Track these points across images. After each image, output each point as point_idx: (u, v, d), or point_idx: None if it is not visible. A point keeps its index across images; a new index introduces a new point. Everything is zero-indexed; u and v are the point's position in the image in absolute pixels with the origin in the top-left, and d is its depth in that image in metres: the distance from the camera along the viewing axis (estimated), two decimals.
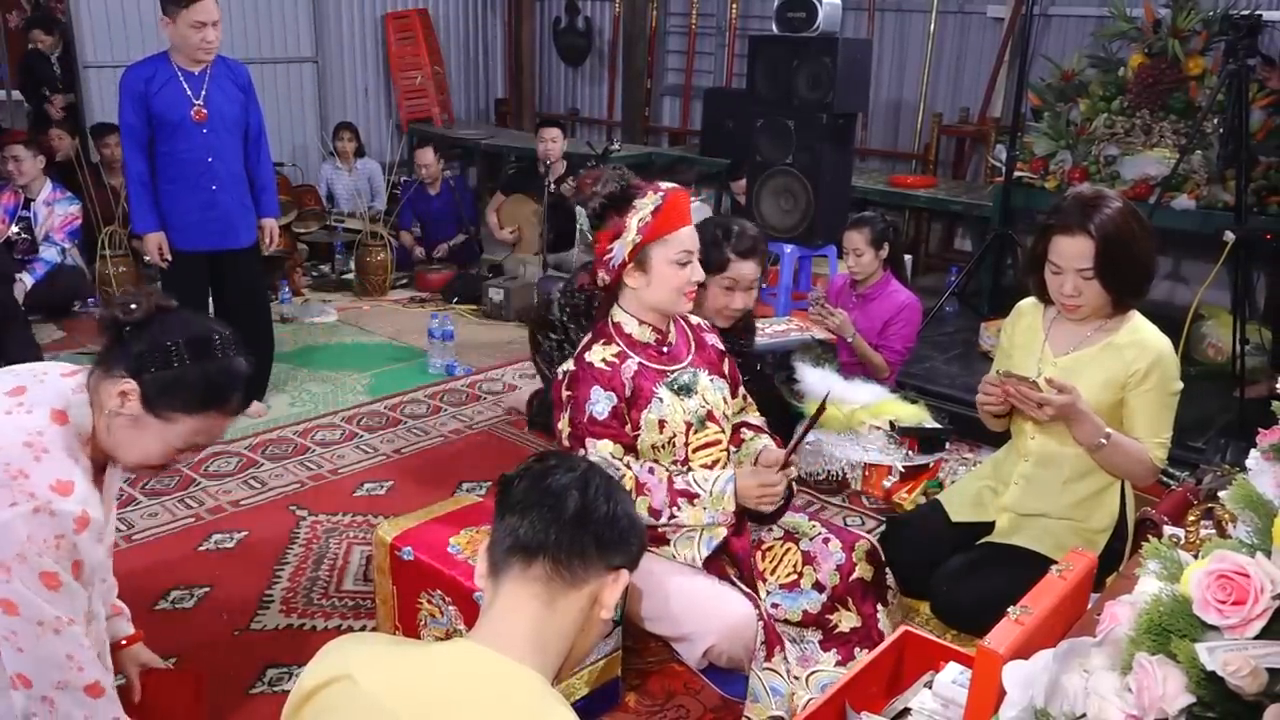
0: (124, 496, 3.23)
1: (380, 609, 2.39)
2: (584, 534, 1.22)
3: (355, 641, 1.26)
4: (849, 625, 2.23)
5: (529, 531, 1.21)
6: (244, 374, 1.76)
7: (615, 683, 2.24)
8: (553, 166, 5.68)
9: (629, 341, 2.22)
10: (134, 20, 6.52)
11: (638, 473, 2.16)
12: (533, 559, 1.20)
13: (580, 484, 1.26)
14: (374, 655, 1.18)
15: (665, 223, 2.12)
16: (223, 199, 3.69)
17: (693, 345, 2.33)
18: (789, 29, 4.29)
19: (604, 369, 2.17)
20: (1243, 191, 3.85)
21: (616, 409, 2.16)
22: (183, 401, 1.68)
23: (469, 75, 8.71)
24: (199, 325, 1.75)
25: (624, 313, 2.24)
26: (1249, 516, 1.23)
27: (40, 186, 5.19)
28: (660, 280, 2.16)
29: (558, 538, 1.21)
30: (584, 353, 2.21)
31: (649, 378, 2.20)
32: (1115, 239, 2.20)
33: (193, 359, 1.68)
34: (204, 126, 3.60)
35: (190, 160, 3.60)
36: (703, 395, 2.26)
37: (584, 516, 1.23)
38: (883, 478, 3.29)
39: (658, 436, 2.19)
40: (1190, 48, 4.56)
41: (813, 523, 2.38)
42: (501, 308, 5.33)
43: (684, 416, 2.22)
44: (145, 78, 3.52)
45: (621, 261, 2.14)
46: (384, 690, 1.12)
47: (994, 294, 5.10)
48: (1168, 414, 2.33)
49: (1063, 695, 1.28)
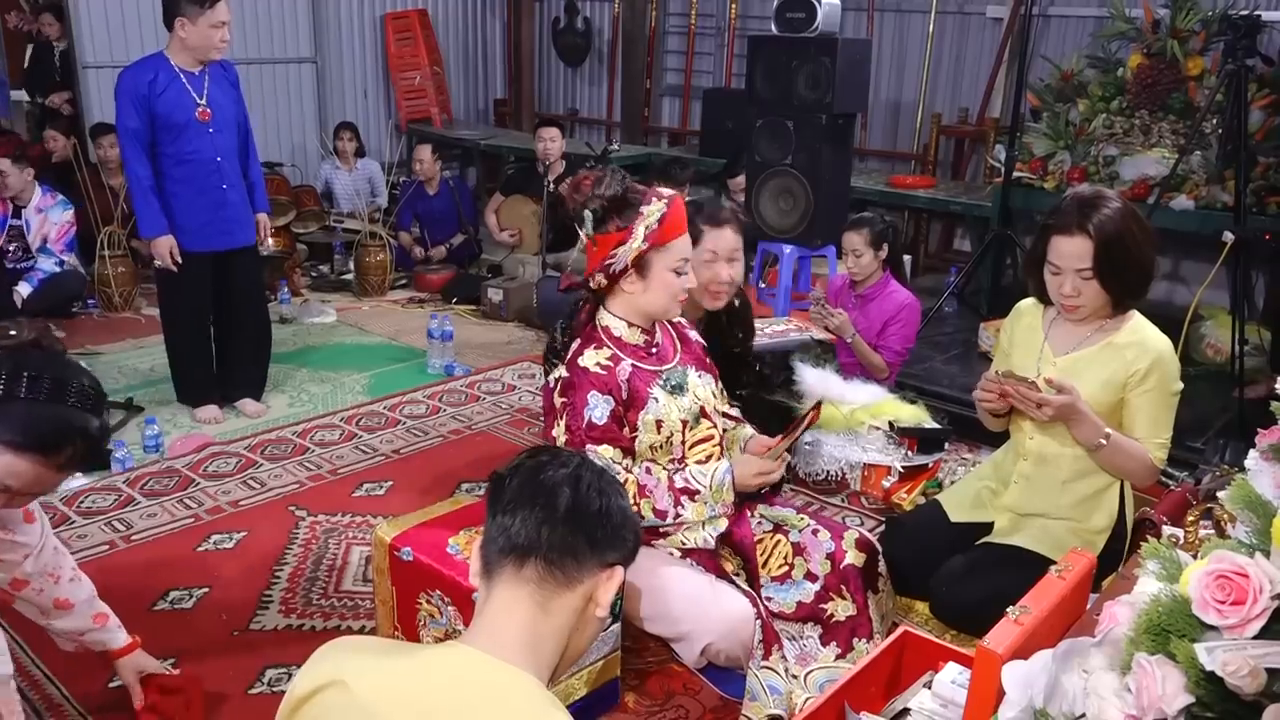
0: (123, 496, 3.24)
1: (379, 609, 2.39)
2: (576, 533, 1.21)
3: (347, 646, 1.24)
4: (845, 613, 2.23)
5: (521, 531, 1.20)
6: (88, 434, 1.65)
7: (614, 683, 2.24)
8: (552, 166, 5.68)
9: (619, 344, 2.21)
10: (134, 20, 6.52)
11: (638, 476, 2.16)
12: (525, 560, 1.19)
13: (572, 481, 1.24)
14: (366, 661, 1.17)
15: (669, 230, 2.13)
16: (232, 198, 3.72)
17: (677, 343, 2.34)
18: (788, 29, 4.29)
19: (600, 373, 2.16)
20: (1242, 192, 3.85)
21: (615, 413, 2.15)
22: (5, 431, 1.58)
23: (468, 75, 8.71)
24: (69, 371, 1.67)
25: (611, 316, 2.24)
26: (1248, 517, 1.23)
27: (30, 194, 5.09)
28: (658, 286, 2.17)
29: (549, 538, 1.19)
30: (576, 358, 2.20)
31: (643, 379, 2.20)
32: (1114, 239, 2.20)
33: (35, 395, 1.59)
34: (209, 126, 3.60)
35: (200, 161, 3.61)
36: (694, 392, 2.27)
37: (576, 514, 1.21)
38: (882, 478, 3.29)
39: (655, 437, 2.19)
40: (1189, 48, 4.56)
41: (801, 515, 2.37)
42: (501, 308, 5.33)
43: (679, 415, 2.22)
44: (147, 80, 3.50)
45: (625, 266, 2.14)
46: (377, 697, 1.11)
47: (993, 294, 5.10)
48: (1168, 414, 2.33)
49: (1062, 695, 1.28)
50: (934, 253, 6.61)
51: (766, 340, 3.52)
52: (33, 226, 5.10)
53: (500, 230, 6.09)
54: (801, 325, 3.71)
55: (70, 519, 3.09)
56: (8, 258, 4.97)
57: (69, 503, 3.18)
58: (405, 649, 1.23)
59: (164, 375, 4.37)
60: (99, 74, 6.44)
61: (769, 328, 3.65)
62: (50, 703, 2.25)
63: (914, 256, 6.13)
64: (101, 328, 5.04)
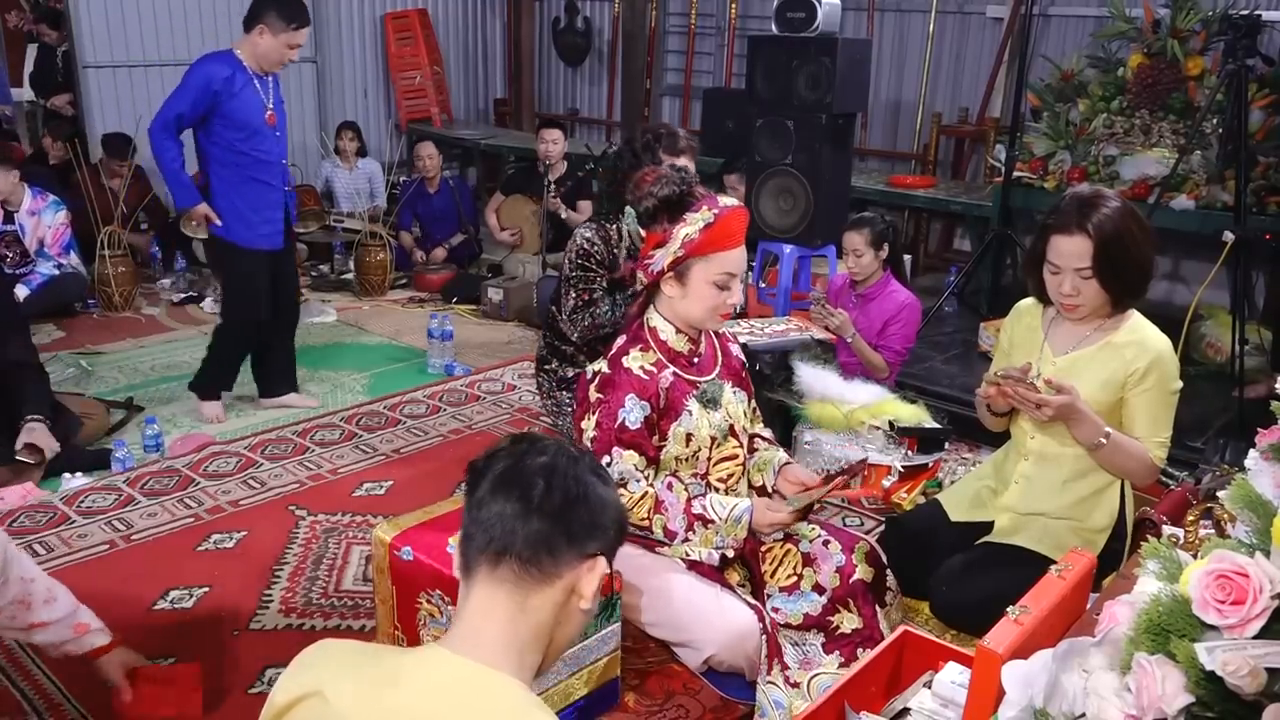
0: (124, 496, 3.24)
1: (379, 609, 2.39)
2: (554, 527, 1.17)
3: (326, 653, 1.21)
4: (850, 626, 2.23)
5: (496, 526, 1.17)
6: None
7: (614, 683, 2.24)
8: (553, 167, 5.68)
9: (665, 350, 2.18)
10: (134, 20, 6.52)
11: (658, 490, 2.14)
12: (500, 558, 1.16)
13: (547, 471, 1.19)
14: (345, 668, 1.15)
15: (712, 241, 2.07)
16: (289, 198, 3.85)
17: (719, 356, 2.31)
18: (788, 29, 4.29)
19: (642, 377, 2.13)
20: (1242, 192, 3.85)
21: (649, 419, 2.12)
22: None
23: (468, 75, 8.71)
24: None
25: (660, 318, 2.20)
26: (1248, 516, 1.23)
27: (19, 196, 5.02)
28: (696, 297, 2.12)
29: (524, 533, 1.16)
30: (621, 356, 2.16)
31: (681, 389, 2.17)
32: (1113, 238, 2.20)
33: None
34: (276, 130, 3.70)
35: (271, 162, 3.70)
36: (726, 408, 2.24)
37: (552, 507, 1.17)
38: (882, 478, 3.28)
39: (683, 449, 2.17)
40: (1189, 48, 4.57)
41: (811, 525, 2.36)
42: (501, 308, 5.34)
43: (709, 430, 2.20)
44: (224, 76, 3.54)
45: (660, 269, 2.12)
46: (355, 709, 1.09)
47: (993, 294, 5.10)
48: (1167, 413, 2.33)
49: (1062, 695, 1.28)
50: (934, 252, 6.61)
51: (766, 340, 3.52)
52: (28, 230, 5.06)
53: (501, 230, 6.10)
54: (801, 325, 3.71)
55: (70, 519, 3.09)
56: (5, 263, 4.91)
57: (69, 502, 3.18)
58: (386, 654, 1.20)
59: (164, 375, 4.39)
60: (99, 74, 6.44)
61: (769, 328, 3.65)
62: (50, 702, 2.25)
63: (914, 256, 6.13)
64: (102, 327, 5.04)
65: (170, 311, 5.35)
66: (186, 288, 5.60)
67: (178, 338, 4.95)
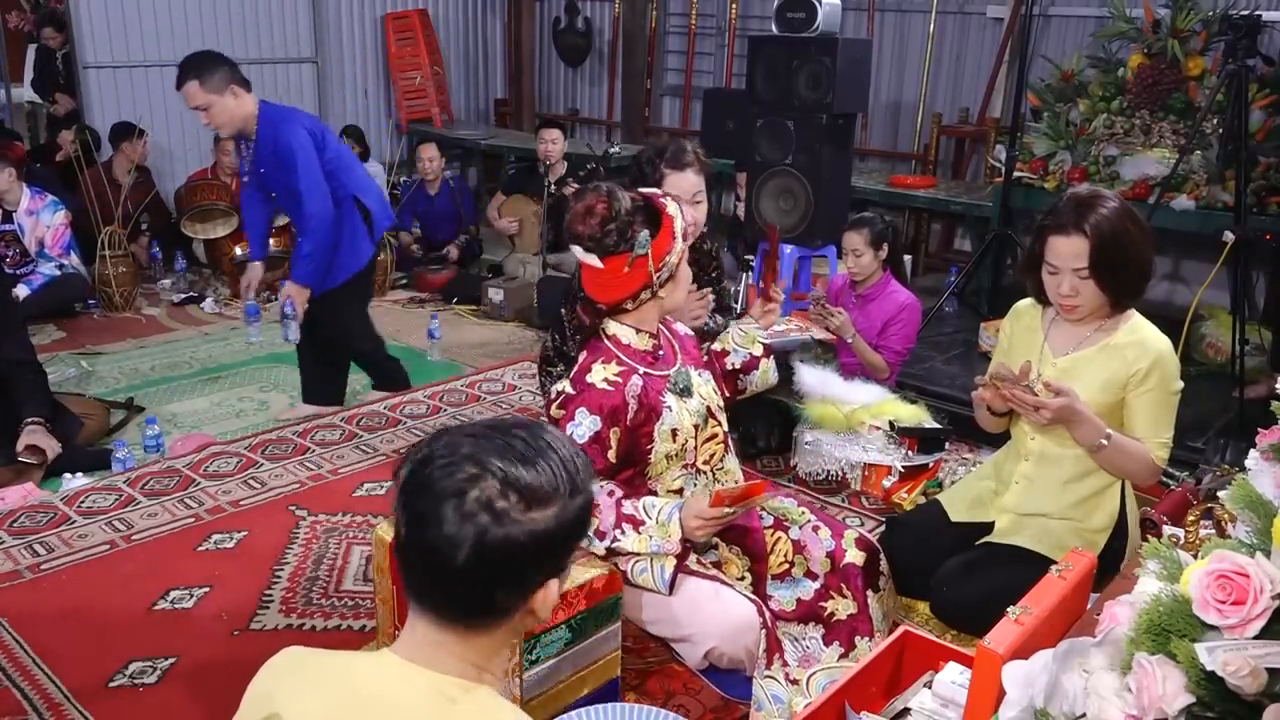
0: (124, 496, 3.24)
1: (380, 609, 2.39)
2: (481, 585, 1.06)
3: (286, 665, 1.18)
4: (845, 612, 2.22)
5: (419, 582, 1.09)
6: None
7: (614, 683, 2.24)
8: (553, 167, 5.69)
9: (628, 353, 2.17)
10: (134, 20, 6.52)
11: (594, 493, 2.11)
12: (439, 614, 1.09)
13: (457, 506, 1.04)
14: (301, 684, 1.13)
15: (669, 235, 2.09)
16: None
17: (676, 345, 2.31)
18: (789, 29, 4.28)
19: (605, 389, 2.10)
20: (1242, 192, 3.85)
21: (600, 435, 2.07)
22: None
23: (468, 75, 8.71)
24: None
25: (619, 325, 2.18)
26: (1248, 517, 1.23)
27: (18, 197, 5.02)
28: (682, 282, 2.17)
29: (450, 595, 1.08)
30: (583, 374, 2.14)
31: (655, 388, 2.16)
32: (1111, 238, 2.20)
33: None
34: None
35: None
36: (699, 392, 2.25)
37: (475, 563, 1.04)
38: (882, 478, 3.29)
39: (671, 445, 2.17)
40: (1190, 48, 4.57)
41: (802, 509, 2.35)
42: (501, 308, 5.34)
43: (691, 419, 2.20)
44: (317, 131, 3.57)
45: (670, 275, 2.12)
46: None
47: (993, 294, 5.10)
48: (1168, 414, 2.32)
49: (1062, 695, 1.28)
50: (934, 253, 6.61)
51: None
52: (27, 230, 5.06)
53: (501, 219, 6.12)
54: (802, 325, 3.71)
55: (70, 519, 3.09)
56: (5, 263, 4.91)
57: (70, 503, 3.18)
58: (341, 663, 1.16)
59: (164, 375, 4.40)
60: (99, 74, 6.45)
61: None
62: (50, 702, 2.25)
63: (914, 256, 6.13)
64: (102, 328, 5.05)
65: (171, 312, 5.36)
66: (187, 288, 5.60)
67: (178, 338, 4.95)
